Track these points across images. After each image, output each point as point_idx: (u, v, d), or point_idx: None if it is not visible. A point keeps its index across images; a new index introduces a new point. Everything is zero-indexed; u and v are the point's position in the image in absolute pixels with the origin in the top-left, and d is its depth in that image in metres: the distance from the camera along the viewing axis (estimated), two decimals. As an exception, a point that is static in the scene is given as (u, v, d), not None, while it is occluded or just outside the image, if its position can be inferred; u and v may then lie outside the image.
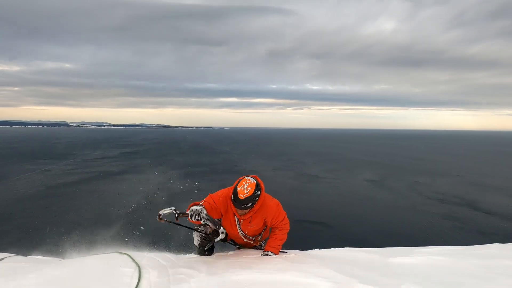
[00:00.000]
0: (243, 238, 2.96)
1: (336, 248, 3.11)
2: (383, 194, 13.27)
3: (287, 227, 3.00)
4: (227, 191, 2.82)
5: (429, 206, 11.17)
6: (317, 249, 3.14)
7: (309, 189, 12.86)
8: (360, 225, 8.62)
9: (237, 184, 2.62)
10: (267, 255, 2.78)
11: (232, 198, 2.59)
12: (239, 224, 2.84)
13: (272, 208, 2.83)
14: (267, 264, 2.48)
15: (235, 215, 2.78)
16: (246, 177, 2.65)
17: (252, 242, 3.02)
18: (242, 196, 2.56)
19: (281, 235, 2.93)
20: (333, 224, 8.14)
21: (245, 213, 2.67)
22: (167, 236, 6.65)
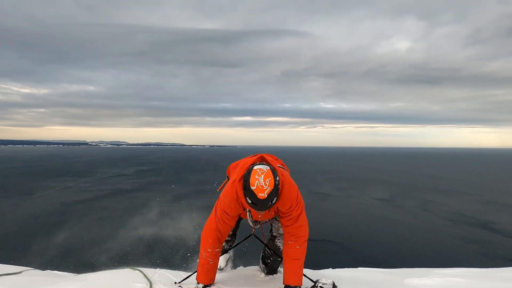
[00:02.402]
0: (252, 225, 2.40)
1: (350, 268, 2.95)
2: (395, 213, 12.85)
3: (302, 235, 2.24)
4: (231, 190, 2.19)
5: (444, 226, 10.71)
6: (330, 269, 2.91)
7: (320, 207, 12.61)
8: (373, 245, 8.30)
9: (248, 180, 1.97)
10: None
11: (250, 201, 1.97)
12: (254, 220, 2.30)
13: (291, 197, 2.17)
14: None
15: (248, 212, 2.23)
16: (255, 167, 2.02)
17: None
18: (263, 195, 1.93)
19: (295, 252, 2.21)
20: (345, 243, 7.87)
21: (262, 213, 2.12)
22: (178, 253, 6.67)
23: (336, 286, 2.09)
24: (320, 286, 1.99)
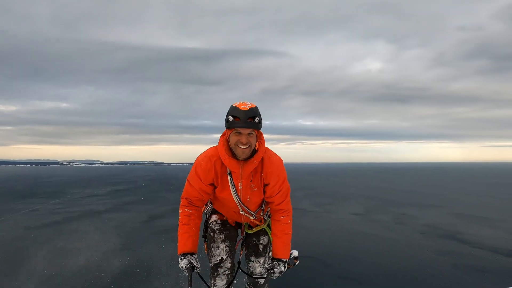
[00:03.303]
0: (240, 209, 2.27)
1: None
2: (372, 228, 13.31)
3: (291, 209, 2.37)
4: (205, 153, 2.18)
5: (418, 239, 11.20)
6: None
7: (300, 223, 12.85)
8: (352, 260, 8.48)
9: (229, 109, 2.04)
10: (277, 268, 2.15)
11: (232, 118, 1.97)
12: (237, 189, 2.19)
13: (278, 166, 2.21)
14: None
15: (229, 177, 2.13)
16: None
17: (252, 217, 2.37)
18: (245, 107, 1.97)
19: (287, 223, 2.29)
20: (325, 258, 7.99)
21: (250, 139, 1.99)
22: (150, 274, 6.50)
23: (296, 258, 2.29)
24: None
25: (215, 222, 2.59)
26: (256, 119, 2.05)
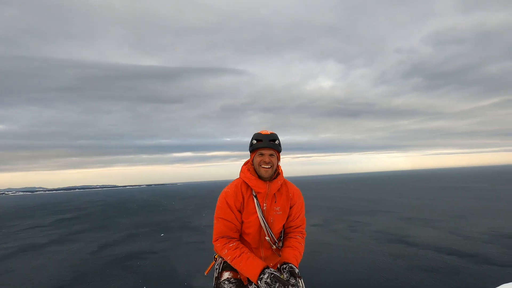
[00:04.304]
0: (266, 233, 2.17)
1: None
2: (330, 237, 13.79)
3: (305, 234, 2.41)
4: (228, 186, 2.26)
5: (372, 244, 11.86)
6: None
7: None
8: (316, 270, 8.71)
9: (253, 136, 2.26)
10: (290, 269, 1.97)
11: (255, 141, 2.19)
12: (262, 210, 2.16)
13: (295, 188, 2.40)
14: None
15: (254, 199, 2.15)
16: None
17: (275, 246, 2.24)
18: (266, 131, 2.23)
19: (302, 244, 2.30)
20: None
21: (272, 159, 2.13)
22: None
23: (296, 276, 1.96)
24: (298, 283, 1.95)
25: (227, 282, 2.22)
26: (276, 142, 2.20)
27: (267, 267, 1.96)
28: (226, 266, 2.28)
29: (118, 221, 24.19)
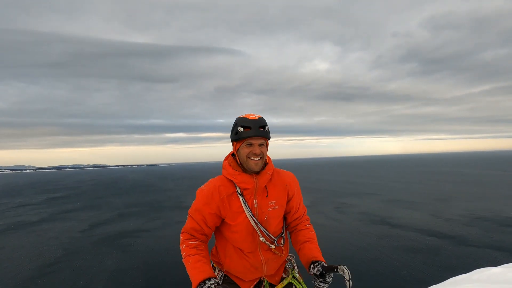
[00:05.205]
0: (259, 234, 1.88)
1: None
2: (317, 217, 14.16)
3: (309, 218, 2.16)
4: (209, 183, 1.96)
5: (358, 226, 12.26)
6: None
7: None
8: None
9: (236, 120, 1.85)
10: (325, 267, 1.76)
11: (241, 129, 1.78)
12: (251, 208, 1.85)
13: (290, 175, 2.08)
14: None
15: (240, 197, 1.85)
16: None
17: (273, 246, 1.94)
18: (254, 116, 1.82)
19: (314, 233, 2.06)
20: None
21: (262, 150, 1.82)
22: None
23: (350, 280, 1.70)
24: (342, 269, 1.69)
25: None
26: (266, 128, 1.85)
27: (212, 277, 1.68)
28: (227, 281, 2.03)
29: (110, 201, 24.30)
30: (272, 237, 1.94)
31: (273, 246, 1.95)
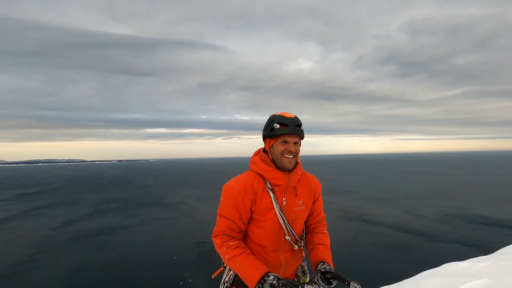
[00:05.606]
0: (286, 232, 1.89)
1: None
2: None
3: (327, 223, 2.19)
4: (234, 179, 1.94)
5: (337, 222, 12.61)
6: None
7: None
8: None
9: (271, 118, 1.90)
10: (329, 273, 1.73)
11: (278, 126, 1.81)
12: (280, 206, 1.88)
13: (315, 178, 2.11)
14: None
15: (271, 193, 1.87)
16: None
17: (297, 247, 1.95)
18: (290, 114, 1.90)
19: (329, 239, 2.07)
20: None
21: (296, 148, 1.85)
22: None
23: None
24: (355, 287, 1.58)
25: None
26: (302, 127, 1.88)
27: (270, 272, 1.68)
28: (237, 281, 1.97)
29: (86, 197, 23.50)
30: (297, 237, 1.95)
31: (296, 247, 1.95)
